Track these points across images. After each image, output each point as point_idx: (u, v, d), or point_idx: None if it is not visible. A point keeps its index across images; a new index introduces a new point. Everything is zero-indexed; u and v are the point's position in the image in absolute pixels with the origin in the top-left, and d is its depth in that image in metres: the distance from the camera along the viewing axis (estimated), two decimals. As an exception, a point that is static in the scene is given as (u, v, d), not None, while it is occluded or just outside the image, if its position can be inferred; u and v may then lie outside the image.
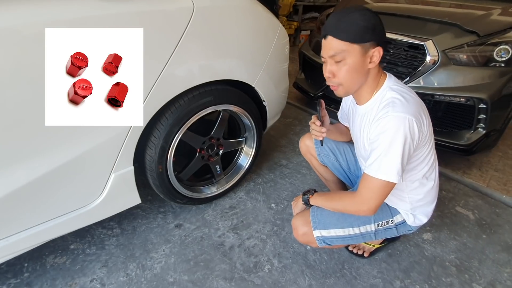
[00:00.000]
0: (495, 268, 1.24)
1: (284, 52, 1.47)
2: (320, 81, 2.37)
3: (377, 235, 1.03)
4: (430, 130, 0.89)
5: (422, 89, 1.71)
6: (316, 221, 1.01)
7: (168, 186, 1.21)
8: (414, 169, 0.93)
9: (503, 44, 1.64)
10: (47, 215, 0.94)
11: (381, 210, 1.01)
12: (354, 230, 1.00)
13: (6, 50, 0.70)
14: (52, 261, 1.16)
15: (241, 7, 1.17)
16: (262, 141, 1.53)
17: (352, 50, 0.78)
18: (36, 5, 0.74)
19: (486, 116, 1.63)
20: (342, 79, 0.83)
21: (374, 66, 0.82)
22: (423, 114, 0.83)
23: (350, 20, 0.77)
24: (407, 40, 1.75)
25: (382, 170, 0.79)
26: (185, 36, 0.98)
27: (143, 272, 1.14)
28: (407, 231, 1.06)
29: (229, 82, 1.23)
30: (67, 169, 0.89)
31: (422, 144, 0.86)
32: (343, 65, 0.81)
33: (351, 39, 0.77)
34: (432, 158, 0.95)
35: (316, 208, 1.03)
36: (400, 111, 0.77)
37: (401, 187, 0.97)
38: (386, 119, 0.78)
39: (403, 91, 0.84)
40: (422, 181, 0.97)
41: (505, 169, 1.92)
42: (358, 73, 0.82)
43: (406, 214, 1.01)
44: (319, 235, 1.00)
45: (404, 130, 0.77)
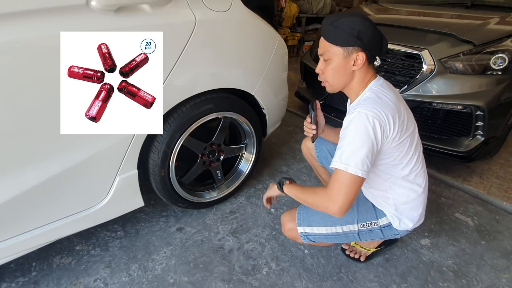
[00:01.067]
0: (493, 274, 1.24)
1: (283, 62, 1.53)
2: (321, 90, 2.42)
3: (362, 236, 1.05)
4: (408, 136, 0.90)
5: (420, 97, 1.74)
6: (301, 218, 1.05)
7: (170, 189, 1.26)
8: (392, 169, 0.94)
9: (500, 52, 1.67)
10: (56, 215, 0.99)
11: (365, 211, 1.04)
12: (337, 228, 1.03)
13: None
14: (59, 261, 1.21)
15: (241, 20, 1.24)
16: (262, 147, 1.57)
17: (336, 52, 0.85)
18: (46, 21, 0.81)
19: (484, 123, 1.65)
20: (328, 77, 0.91)
21: (359, 68, 0.87)
22: (391, 116, 0.84)
23: (339, 24, 0.83)
24: (404, 50, 1.80)
25: (344, 161, 0.82)
26: (188, 47, 1.05)
27: (144, 273, 1.18)
28: (394, 235, 1.07)
29: (229, 90, 1.29)
30: (75, 171, 0.95)
31: (393, 145, 0.88)
32: (329, 64, 0.88)
33: (335, 42, 0.84)
34: (414, 164, 0.96)
35: (303, 207, 1.08)
36: (366, 109, 0.82)
37: (384, 187, 0.99)
38: (353, 114, 0.83)
39: (381, 91, 0.87)
40: (406, 185, 0.98)
41: (506, 176, 1.91)
42: (341, 73, 0.88)
43: (392, 217, 1.02)
44: (303, 231, 1.04)
45: (366, 126, 0.80)
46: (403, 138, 0.89)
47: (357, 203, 1.06)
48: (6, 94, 0.77)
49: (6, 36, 0.73)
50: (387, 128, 0.84)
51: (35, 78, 0.81)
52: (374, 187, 1.03)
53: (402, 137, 0.89)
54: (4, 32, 0.73)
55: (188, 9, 1.04)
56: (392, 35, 1.88)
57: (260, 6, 1.37)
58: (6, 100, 0.77)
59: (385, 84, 0.92)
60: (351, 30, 0.82)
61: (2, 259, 0.93)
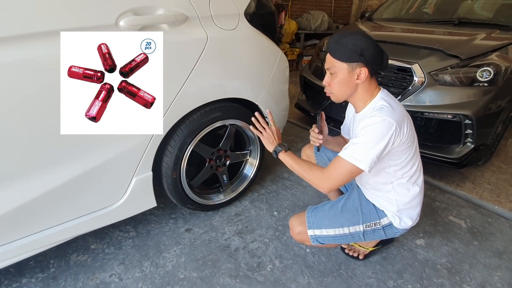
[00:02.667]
0: (486, 272, 1.31)
1: (284, 75, 1.66)
2: (320, 102, 2.55)
3: (366, 236, 1.14)
4: (412, 140, 1.02)
5: (413, 107, 1.86)
6: (311, 222, 1.13)
7: (181, 191, 1.36)
8: (400, 171, 1.04)
9: (485, 66, 1.81)
10: (78, 212, 1.09)
11: (368, 212, 1.13)
12: (344, 230, 1.11)
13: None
14: (75, 258, 1.29)
15: (246, 37, 1.38)
16: (265, 153, 1.68)
17: (341, 67, 0.96)
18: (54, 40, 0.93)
19: (472, 131, 1.76)
20: (333, 89, 1.02)
21: (362, 81, 0.98)
22: (405, 123, 0.96)
23: (343, 42, 0.95)
24: (397, 64, 1.93)
25: (355, 156, 0.92)
26: (200, 61, 1.17)
27: (156, 269, 1.25)
28: (394, 233, 1.16)
29: (236, 100, 1.41)
30: (99, 171, 1.05)
31: (402, 149, 0.99)
32: (335, 77, 0.99)
33: (340, 58, 0.95)
34: (416, 166, 1.07)
35: (312, 210, 1.16)
36: (385, 115, 0.92)
37: (388, 189, 1.09)
38: (372, 118, 0.93)
39: (392, 101, 0.99)
40: (408, 186, 1.09)
41: (498, 182, 2.00)
42: (346, 86, 0.99)
43: (393, 216, 1.11)
44: (313, 234, 1.12)
45: (383, 129, 0.91)
46: (410, 142, 1.00)
47: (360, 205, 1.15)
48: (47, 103, 0.88)
49: (49, 51, 0.85)
50: (401, 133, 0.94)
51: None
52: (378, 189, 1.12)
53: (409, 141, 0.99)
54: (46, 47, 0.85)
55: (201, 28, 1.17)
56: (386, 50, 2.03)
57: (263, 25, 1.51)
58: (48, 109, 0.89)
59: (390, 95, 1.04)
60: (355, 48, 0.93)
61: (31, 252, 1.01)
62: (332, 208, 1.16)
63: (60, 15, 0.87)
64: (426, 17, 2.92)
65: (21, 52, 0.81)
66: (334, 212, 1.14)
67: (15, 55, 0.81)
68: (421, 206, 1.15)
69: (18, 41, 0.81)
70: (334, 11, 6.22)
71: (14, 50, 0.80)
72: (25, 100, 0.85)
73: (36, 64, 0.85)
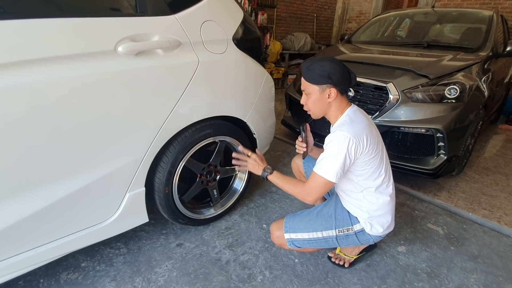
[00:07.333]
0: (462, 275, 1.40)
1: (270, 94, 1.77)
2: (304, 118, 2.68)
3: (340, 241, 1.22)
4: (376, 152, 1.11)
5: (390, 122, 2.00)
6: (287, 226, 1.23)
7: (173, 206, 1.40)
8: (366, 181, 1.14)
9: (452, 84, 1.99)
10: (73, 228, 1.11)
11: (342, 218, 1.22)
12: (318, 234, 1.20)
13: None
14: (66, 277, 1.29)
15: (234, 60, 1.48)
16: (253, 168, 1.75)
17: (313, 89, 1.10)
18: (85, 63, 1.00)
19: (444, 143, 1.91)
20: (310, 107, 1.15)
21: (333, 100, 1.10)
22: (364, 136, 1.05)
23: (312, 68, 1.08)
24: (373, 83, 2.09)
25: (323, 169, 1.05)
26: (192, 82, 1.26)
27: (148, 284, 1.27)
28: (368, 240, 1.24)
29: (225, 118, 1.49)
30: (93, 188, 1.09)
31: (365, 160, 1.08)
32: (309, 98, 1.13)
33: (311, 82, 1.09)
34: (383, 176, 1.15)
35: (290, 216, 1.26)
36: (342, 130, 1.04)
37: (359, 197, 1.18)
38: (333, 134, 1.06)
39: (355, 117, 1.10)
40: (377, 195, 1.17)
41: (471, 191, 2.15)
42: (319, 104, 1.12)
43: (365, 223, 1.20)
44: (289, 237, 1.22)
45: (339, 143, 1.03)
46: (374, 154, 1.10)
47: (335, 211, 1.24)
48: (51, 124, 0.94)
49: (51, 75, 0.92)
50: (361, 145, 1.05)
51: (68, 109, 0.98)
52: (351, 197, 1.21)
53: (373, 153, 1.09)
54: (48, 72, 0.91)
55: (192, 52, 1.26)
56: (363, 71, 2.20)
57: (250, 48, 1.63)
58: (52, 130, 0.94)
59: (358, 111, 1.15)
60: (323, 72, 1.06)
61: (23, 269, 1.02)
62: (308, 214, 1.26)
63: (66, 40, 0.94)
64: (399, 39, 3.18)
65: (11, 77, 0.84)
66: (309, 218, 1.24)
67: (4, 82, 0.84)
68: (393, 215, 1.24)
69: (18, 66, 0.86)
70: (316, 32, 6.59)
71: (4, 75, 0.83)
72: (19, 119, 0.88)
73: (33, 88, 0.89)
